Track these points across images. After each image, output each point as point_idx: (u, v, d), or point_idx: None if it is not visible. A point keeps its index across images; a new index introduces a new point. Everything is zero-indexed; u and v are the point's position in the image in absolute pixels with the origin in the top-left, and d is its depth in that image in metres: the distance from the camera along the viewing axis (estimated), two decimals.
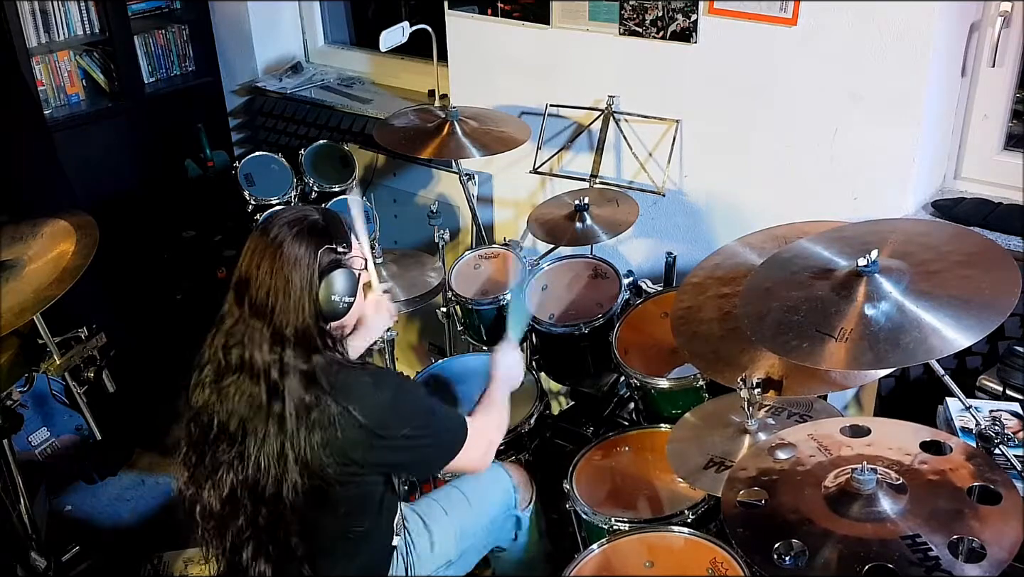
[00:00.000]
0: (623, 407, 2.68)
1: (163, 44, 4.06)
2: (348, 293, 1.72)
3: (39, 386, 2.91)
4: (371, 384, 1.72)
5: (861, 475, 1.49)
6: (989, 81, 2.39)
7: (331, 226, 1.73)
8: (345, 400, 1.67)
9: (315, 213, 1.75)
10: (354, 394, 1.68)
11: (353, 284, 1.73)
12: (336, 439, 1.66)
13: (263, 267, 1.68)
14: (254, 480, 1.68)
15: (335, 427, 1.65)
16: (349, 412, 1.66)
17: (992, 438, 1.71)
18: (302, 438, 1.65)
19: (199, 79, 4.14)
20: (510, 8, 2.94)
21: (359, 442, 1.68)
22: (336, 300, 1.70)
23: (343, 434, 1.66)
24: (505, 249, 2.86)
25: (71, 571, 2.73)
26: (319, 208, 1.79)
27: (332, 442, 1.65)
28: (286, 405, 1.65)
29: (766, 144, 2.56)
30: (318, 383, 1.66)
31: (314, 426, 1.65)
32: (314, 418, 1.65)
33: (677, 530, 1.94)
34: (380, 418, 1.69)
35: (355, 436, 1.67)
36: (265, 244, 1.68)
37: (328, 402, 1.66)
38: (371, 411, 1.68)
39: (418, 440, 1.78)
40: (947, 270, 1.70)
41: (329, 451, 1.65)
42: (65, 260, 2.19)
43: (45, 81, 3.74)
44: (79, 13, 3.74)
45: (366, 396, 1.69)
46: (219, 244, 3.95)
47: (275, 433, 1.66)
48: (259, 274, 1.68)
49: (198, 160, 3.91)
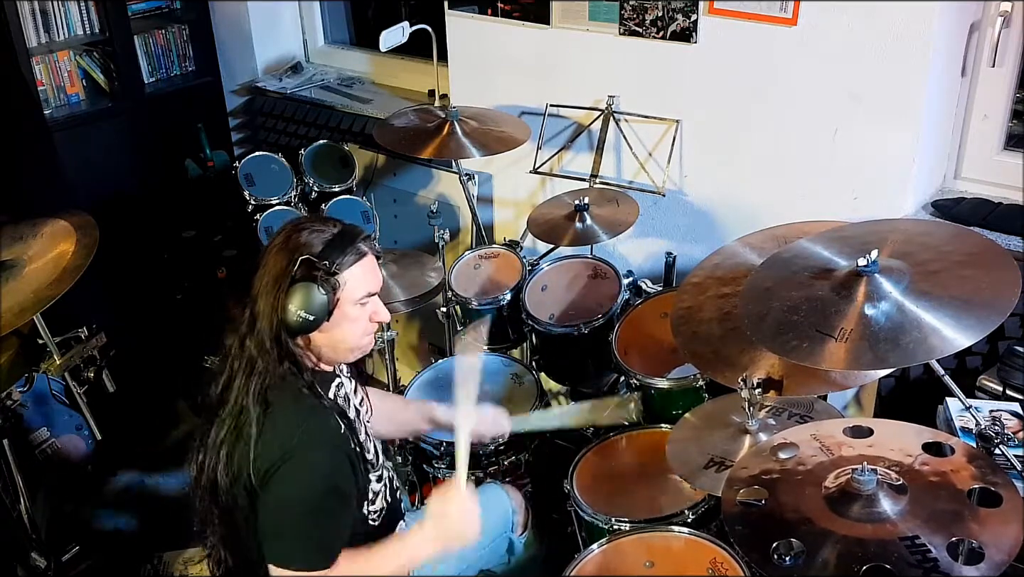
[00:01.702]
0: None
1: (163, 44, 4.06)
2: (307, 309, 1.66)
3: (39, 386, 2.90)
4: (291, 430, 1.66)
5: (861, 475, 1.49)
6: (989, 81, 2.39)
7: (329, 240, 1.70)
8: (263, 425, 1.65)
9: (330, 226, 1.73)
10: (274, 424, 1.66)
11: (319, 303, 1.66)
12: (237, 453, 1.66)
13: (263, 259, 1.72)
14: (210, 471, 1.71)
15: (241, 445, 1.65)
16: (254, 439, 1.64)
17: (992, 438, 1.71)
18: (222, 436, 1.68)
19: (199, 79, 4.14)
20: (510, 8, 2.94)
21: (248, 473, 1.66)
22: (293, 312, 1.66)
23: (242, 456, 1.65)
24: (505, 249, 2.87)
25: (71, 571, 2.73)
26: (341, 223, 1.76)
27: (234, 456, 1.67)
28: (228, 404, 1.69)
29: (766, 144, 2.56)
30: (255, 393, 1.67)
31: (233, 433, 1.67)
32: (240, 424, 1.66)
33: (677, 530, 1.94)
34: (264, 466, 1.64)
35: (246, 465, 1.66)
36: (271, 243, 1.73)
37: (251, 417, 1.65)
38: (265, 453, 1.65)
39: (271, 512, 1.67)
40: (947, 270, 1.70)
41: (229, 464, 1.67)
42: (65, 260, 2.19)
43: (45, 81, 3.74)
44: (79, 13, 3.74)
45: (277, 436, 1.65)
46: (219, 244, 3.95)
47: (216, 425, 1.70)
48: (258, 268, 1.72)
49: (198, 160, 3.91)
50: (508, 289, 2.68)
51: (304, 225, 1.72)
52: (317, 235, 1.70)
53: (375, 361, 3.35)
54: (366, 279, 1.73)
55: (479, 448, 2.38)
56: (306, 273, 1.66)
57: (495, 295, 2.68)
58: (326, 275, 1.66)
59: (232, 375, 1.70)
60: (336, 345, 1.75)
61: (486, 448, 2.38)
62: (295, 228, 1.72)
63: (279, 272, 1.67)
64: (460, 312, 2.77)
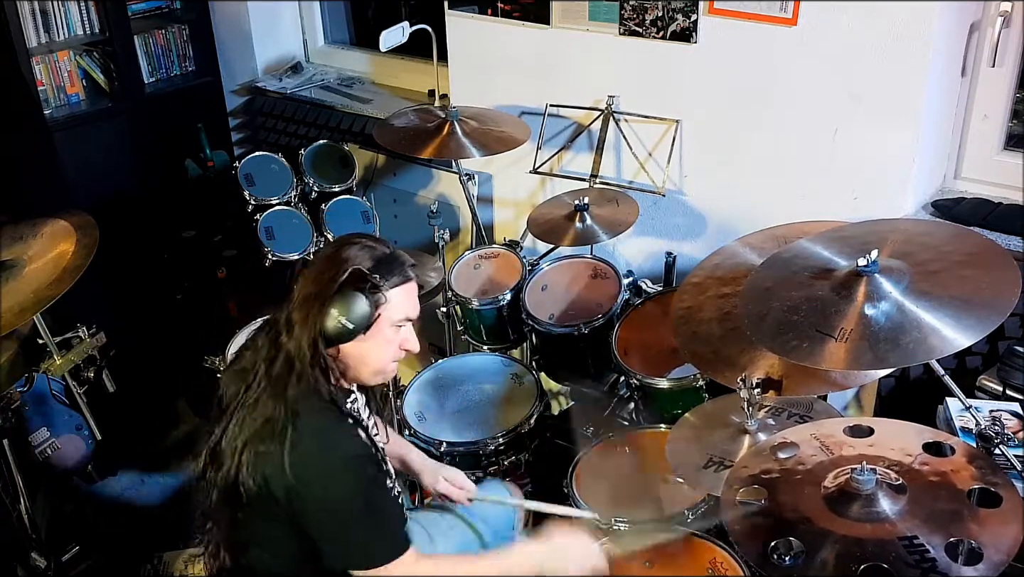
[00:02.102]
0: (623, 407, 2.68)
1: (163, 44, 4.06)
2: (349, 319, 1.66)
3: (39, 386, 2.90)
4: (322, 440, 1.65)
5: (860, 475, 1.49)
6: (989, 81, 2.39)
7: (383, 258, 1.71)
8: (292, 433, 1.63)
9: (381, 245, 1.74)
10: (302, 435, 1.63)
11: (363, 314, 1.67)
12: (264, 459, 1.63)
13: (307, 271, 1.73)
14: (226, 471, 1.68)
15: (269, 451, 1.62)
16: (285, 447, 1.62)
17: (992, 438, 1.71)
18: (245, 437, 1.65)
19: (199, 79, 4.14)
20: (510, 8, 2.94)
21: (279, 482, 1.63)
22: (335, 317, 1.65)
23: (270, 462, 1.62)
24: (505, 249, 2.87)
25: (71, 571, 2.73)
26: (391, 245, 1.77)
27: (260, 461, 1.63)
28: (253, 401, 1.67)
29: (766, 144, 2.56)
30: (286, 398, 1.65)
31: (259, 436, 1.64)
32: (264, 428, 1.63)
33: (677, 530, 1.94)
34: (302, 474, 1.62)
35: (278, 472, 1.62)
36: (322, 252, 1.78)
37: (281, 424, 1.63)
38: (300, 461, 1.62)
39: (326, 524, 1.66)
40: (947, 270, 1.70)
41: (256, 467, 1.63)
42: (65, 260, 2.19)
43: (45, 81, 3.74)
44: (79, 13, 3.74)
45: (309, 447, 1.63)
46: (219, 244, 3.95)
47: (239, 420, 1.67)
48: (306, 271, 1.74)
49: (198, 160, 3.91)
50: (508, 289, 2.67)
51: (356, 240, 1.73)
52: (368, 251, 1.71)
53: None
54: (407, 303, 1.74)
55: (480, 449, 2.39)
56: (354, 283, 1.67)
57: (495, 295, 2.68)
58: (373, 288, 1.67)
59: (259, 376, 1.69)
60: (364, 361, 1.74)
61: (487, 448, 2.39)
62: (348, 241, 1.73)
63: (326, 279, 1.67)
64: (460, 312, 2.77)
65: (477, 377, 2.64)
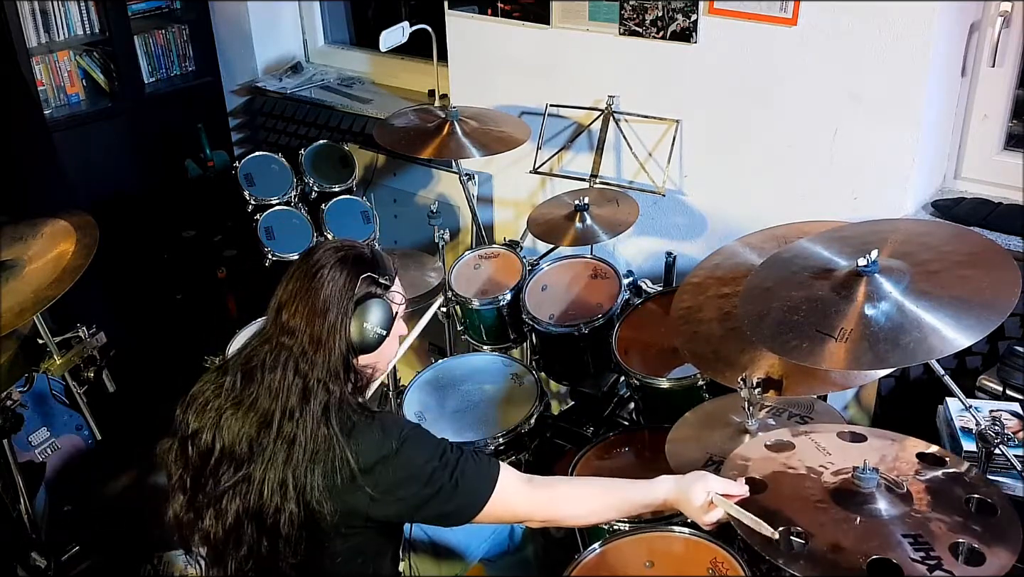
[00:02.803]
0: (623, 407, 2.68)
1: (163, 44, 4.06)
2: (381, 325, 1.65)
3: (39, 386, 2.90)
4: (379, 433, 1.61)
5: (863, 474, 1.50)
6: (989, 81, 2.39)
7: (376, 257, 1.70)
8: (351, 445, 1.58)
9: (362, 246, 1.72)
10: (361, 441, 1.59)
11: (388, 317, 1.66)
12: (336, 486, 1.56)
13: (302, 289, 1.63)
14: (257, 507, 1.59)
15: (337, 473, 1.56)
16: (350, 459, 1.56)
17: (992, 438, 1.71)
18: (304, 470, 1.56)
19: (199, 79, 4.14)
20: (510, 8, 2.94)
21: (358, 494, 1.58)
22: (368, 329, 1.63)
23: (343, 482, 1.56)
24: (505, 249, 2.86)
25: (71, 571, 2.73)
26: (368, 244, 1.76)
27: (333, 488, 1.56)
28: (298, 432, 1.57)
29: (766, 144, 2.56)
30: (332, 419, 1.59)
31: (319, 463, 1.56)
32: (321, 455, 1.56)
33: (677, 530, 1.93)
34: (381, 472, 1.58)
35: (353, 486, 1.57)
36: (307, 267, 1.65)
37: (336, 443, 1.57)
38: (372, 463, 1.58)
39: (426, 495, 1.61)
40: (947, 270, 1.70)
41: (329, 496, 1.56)
42: (65, 260, 2.19)
43: (45, 81, 3.74)
44: (79, 13, 3.74)
45: (371, 446, 1.59)
46: (219, 244, 3.95)
47: (282, 460, 1.57)
48: (297, 296, 1.63)
49: (198, 160, 3.91)
50: (508, 289, 2.67)
51: (333, 251, 1.67)
52: (356, 255, 1.67)
53: None
54: (400, 290, 1.76)
55: (480, 449, 2.39)
56: (370, 289, 1.65)
57: (495, 295, 2.68)
58: (384, 288, 1.67)
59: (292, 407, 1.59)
60: (382, 359, 1.73)
61: (487, 448, 2.39)
62: (334, 248, 1.68)
63: (339, 289, 1.62)
64: (460, 312, 2.77)
65: (477, 377, 2.64)
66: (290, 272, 1.68)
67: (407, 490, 1.61)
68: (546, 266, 2.76)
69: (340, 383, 1.61)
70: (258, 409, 1.61)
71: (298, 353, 1.61)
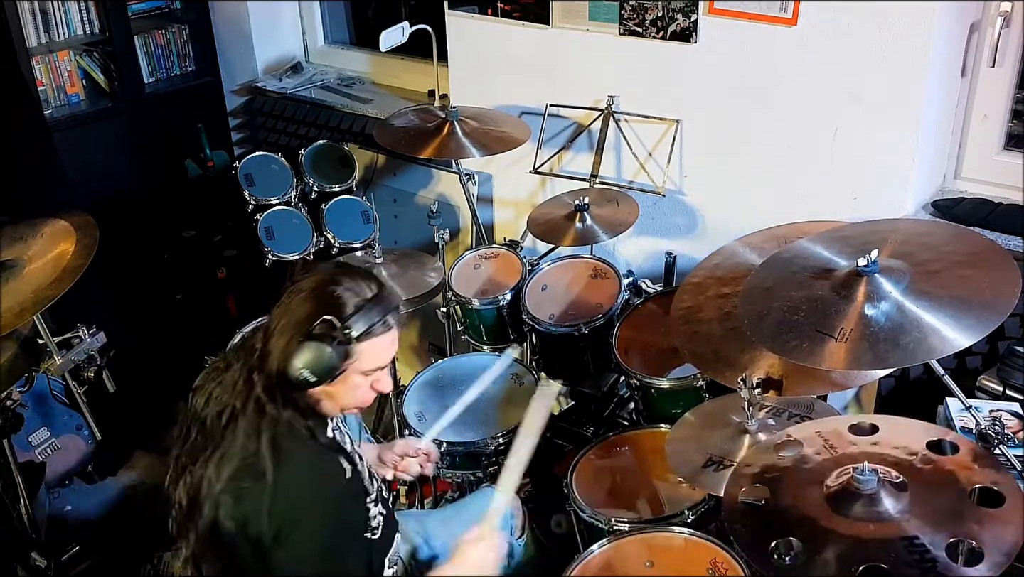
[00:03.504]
0: (623, 407, 2.68)
1: (163, 44, 4.06)
2: (312, 371, 1.59)
3: (39, 386, 2.90)
4: (297, 484, 1.60)
5: (861, 475, 1.49)
6: (989, 81, 2.39)
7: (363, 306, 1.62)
8: (276, 476, 1.58)
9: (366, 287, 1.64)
10: (284, 478, 1.58)
11: (326, 369, 1.60)
12: (244, 500, 1.58)
13: (279, 305, 1.65)
14: (195, 492, 1.63)
15: (250, 491, 1.57)
16: (268, 491, 1.57)
17: (992, 438, 1.71)
18: (225, 477, 1.59)
19: (199, 79, 4.14)
20: (510, 8, 2.94)
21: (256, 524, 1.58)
22: (299, 369, 1.58)
23: (250, 503, 1.58)
24: (505, 249, 2.86)
25: (71, 571, 2.73)
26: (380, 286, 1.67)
27: (243, 501, 1.58)
28: (230, 439, 1.60)
29: (766, 144, 2.56)
30: (261, 437, 1.59)
31: (241, 477, 1.58)
32: (246, 468, 1.58)
33: (677, 530, 1.94)
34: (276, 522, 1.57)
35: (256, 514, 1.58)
36: (303, 284, 1.65)
37: (261, 463, 1.58)
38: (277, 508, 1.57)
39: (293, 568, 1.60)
40: (947, 270, 1.70)
41: (237, 508, 1.58)
42: (65, 260, 2.19)
43: (45, 81, 3.74)
44: (79, 13, 3.74)
45: (285, 491, 1.58)
46: (219, 244, 3.95)
47: (216, 460, 1.61)
48: (275, 310, 1.65)
49: (198, 160, 3.91)
50: (508, 289, 2.67)
51: (341, 278, 1.64)
52: (351, 295, 1.62)
53: None
54: (381, 354, 1.66)
55: (480, 449, 2.39)
56: (323, 333, 1.59)
57: (495, 295, 2.68)
58: (342, 343, 1.59)
59: (236, 410, 1.63)
60: (332, 400, 1.69)
61: (487, 448, 2.39)
62: (332, 278, 1.64)
63: (300, 320, 1.60)
64: (460, 312, 2.77)
65: (477, 377, 2.64)
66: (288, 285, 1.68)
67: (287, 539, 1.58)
68: (546, 266, 2.76)
69: (277, 407, 1.61)
70: (220, 405, 1.65)
71: (255, 364, 1.63)
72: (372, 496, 1.82)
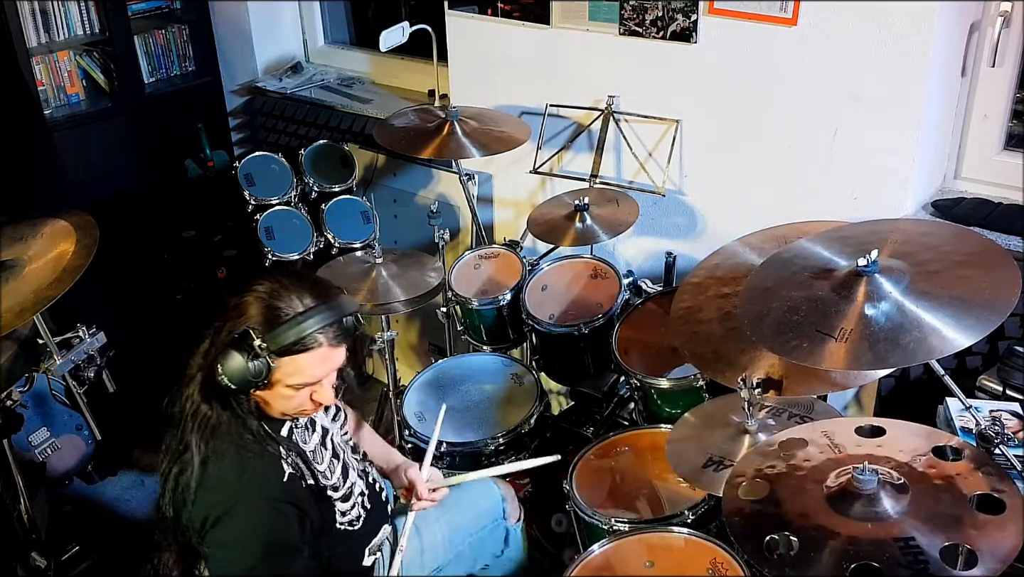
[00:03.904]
0: (623, 407, 2.68)
1: (163, 44, 4.06)
2: (229, 378, 1.60)
3: (39, 386, 2.91)
4: (221, 487, 1.65)
5: (862, 475, 1.49)
6: (989, 81, 2.39)
7: (285, 321, 1.60)
8: (201, 474, 1.64)
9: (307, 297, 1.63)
10: (209, 477, 1.64)
11: (241, 379, 1.60)
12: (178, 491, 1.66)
13: (225, 307, 1.67)
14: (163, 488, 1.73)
15: (183, 487, 1.65)
16: (192, 487, 1.64)
17: (992, 438, 1.71)
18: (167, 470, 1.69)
19: (199, 79, 4.14)
20: (510, 8, 2.94)
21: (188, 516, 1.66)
22: (218, 372, 1.61)
23: (180, 495, 1.66)
24: (505, 249, 2.86)
25: (71, 571, 2.73)
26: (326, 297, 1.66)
27: (176, 493, 1.66)
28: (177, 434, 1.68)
29: (766, 144, 2.56)
30: (194, 433, 1.64)
31: (177, 471, 1.67)
32: (181, 463, 1.66)
33: (677, 530, 1.94)
34: (197, 517, 1.65)
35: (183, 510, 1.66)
36: (255, 285, 1.66)
37: (193, 462, 1.64)
38: (200, 505, 1.64)
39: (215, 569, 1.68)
40: (947, 270, 1.70)
41: (174, 499, 1.67)
42: (65, 260, 2.19)
43: (45, 81, 3.74)
44: (79, 13, 3.74)
45: (209, 491, 1.64)
46: (219, 244, 3.95)
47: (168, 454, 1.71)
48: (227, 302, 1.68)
49: (198, 160, 3.91)
50: (508, 289, 2.68)
51: (281, 289, 1.63)
52: (287, 306, 1.61)
53: (375, 361, 3.35)
54: (308, 370, 1.64)
55: (480, 449, 2.39)
56: (241, 343, 1.59)
57: (495, 295, 2.68)
58: (257, 355, 1.59)
59: (184, 408, 1.69)
60: (268, 405, 1.71)
61: (487, 448, 2.39)
62: (271, 288, 1.64)
63: (229, 326, 1.62)
64: (460, 312, 2.77)
65: (477, 377, 2.64)
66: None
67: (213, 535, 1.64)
68: (546, 266, 2.76)
69: (212, 407, 1.66)
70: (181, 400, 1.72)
71: (198, 360, 1.68)
72: (342, 492, 1.83)
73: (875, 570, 1.38)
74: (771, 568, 1.45)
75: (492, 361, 2.69)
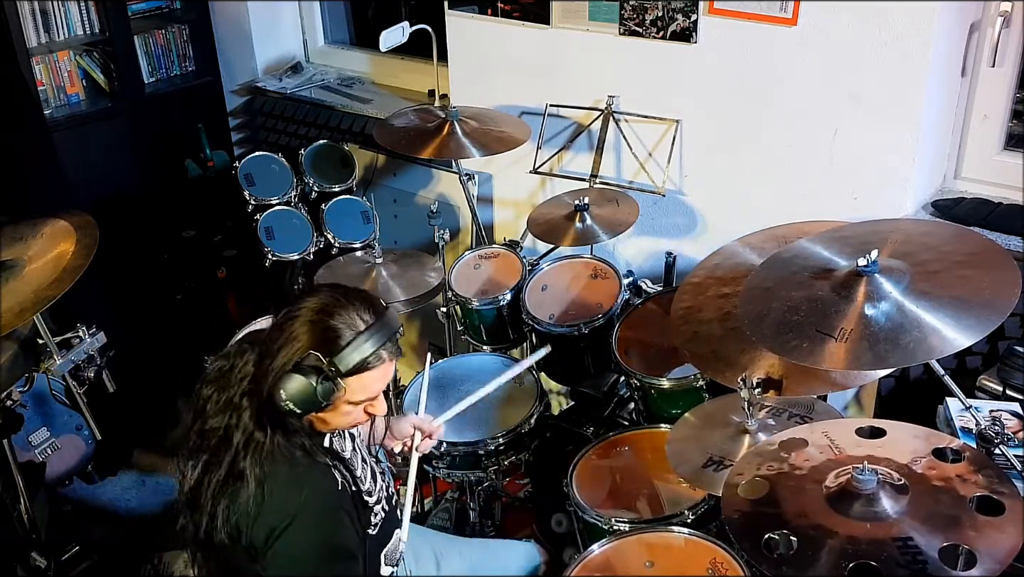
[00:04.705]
0: (623, 407, 2.68)
1: (163, 44, 4.06)
2: (295, 403, 1.57)
3: (39, 386, 2.91)
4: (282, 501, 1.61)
5: (861, 474, 1.49)
6: (989, 81, 2.39)
7: (354, 341, 1.59)
8: (262, 492, 1.59)
9: (366, 315, 1.62)
10: (270, 495, 1.60)
11: (309, 403, 1.58)
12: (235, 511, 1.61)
13: (274, 327, 1.63)
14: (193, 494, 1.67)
15: (241, 508, 1.60)
16: (253, 506, 1.60)
17: (992, 438, 1.71)
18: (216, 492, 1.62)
19: (199, 79, 4.14)
20: (510, 8, 2.94)
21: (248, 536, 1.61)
22: (281, 398, 1.57)
23: (240, 515, 1.60)
24: (505, 249, 2.86)
25: (71, 571, 2.73)
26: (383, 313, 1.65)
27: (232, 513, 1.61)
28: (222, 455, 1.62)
29: (766, 144, 2.56)
30: (248, 457, 1.60)
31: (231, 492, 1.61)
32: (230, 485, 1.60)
33: (677, 530, 1.94)
34: (261, 533, 1.60)
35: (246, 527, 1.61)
36: (295, 306, 1.63)
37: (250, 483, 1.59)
38: (264, 521, 1.60)
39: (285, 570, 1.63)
40: (947, 270, 1.70)
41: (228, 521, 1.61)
42: (65, 260, 2.19)
43: (45, 81, 3.74)
44: (79, 13, 3.74)
45: (271, 507, 1.60)
46: (219, 244, 3.95)
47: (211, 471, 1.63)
48: (271, 332, 1.64)
49: (198, 160, 3.91)
50: (508, 289, 2.67)
51: (337, 307, 1.60)
52: (345, 327, 1.59)
53: None
54: (371, 386, 1.64)
55: (480, 449, 2.39)
56: (311, 367, 1.56)
57: (495, 295, 2.68)
58: (328, 378, 1.57)
59: (229, 428, 1.63)
60: (323, 424, 1.69)
61: (487, 448, 2.39)
62: (327, 307, 1.61)
63: (290, 350, 1.58)
64: (460, 312, 2.77)
65: (477, 377, 2.64)
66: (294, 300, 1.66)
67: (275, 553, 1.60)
68: (546, 266, 2.76)
69: (265, 430, 1.61)
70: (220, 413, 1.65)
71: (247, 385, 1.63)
72: (375, 496, 1.82)
73: (873, 569, 1.38)
74: (770, 567, 1.45)
75: (492, 361, 2.69)
